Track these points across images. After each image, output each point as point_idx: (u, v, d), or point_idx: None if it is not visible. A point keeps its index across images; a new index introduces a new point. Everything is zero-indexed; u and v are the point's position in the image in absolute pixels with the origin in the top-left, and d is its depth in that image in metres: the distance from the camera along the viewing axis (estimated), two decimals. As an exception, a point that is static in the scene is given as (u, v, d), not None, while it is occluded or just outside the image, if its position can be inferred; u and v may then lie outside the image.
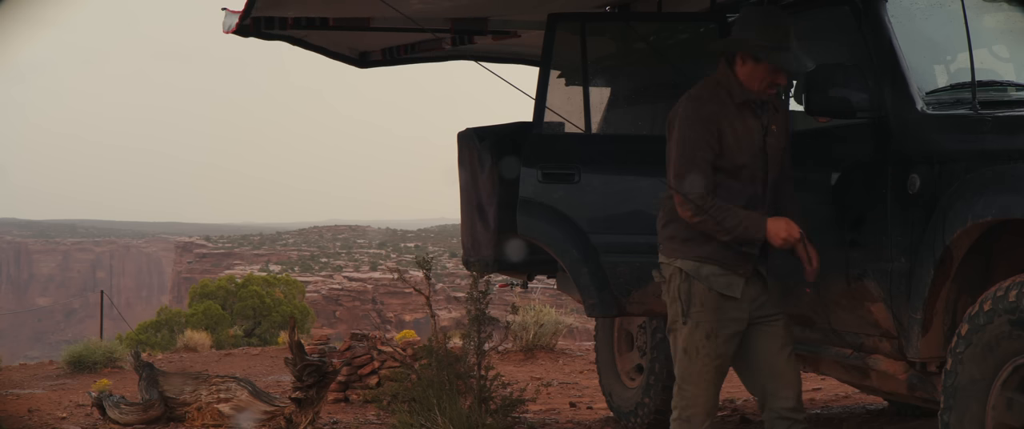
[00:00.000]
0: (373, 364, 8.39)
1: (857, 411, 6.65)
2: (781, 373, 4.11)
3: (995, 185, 3.59)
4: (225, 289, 26.11)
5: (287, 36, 6.96)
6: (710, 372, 4.10)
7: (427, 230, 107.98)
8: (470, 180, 6.11)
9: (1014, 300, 3.41)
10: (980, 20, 4.50)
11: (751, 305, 4.09)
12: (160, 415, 7.34)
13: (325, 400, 6.86)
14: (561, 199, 5.15)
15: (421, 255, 6.21)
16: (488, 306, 5.78)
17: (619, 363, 6.63)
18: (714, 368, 4.10)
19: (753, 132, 4.06)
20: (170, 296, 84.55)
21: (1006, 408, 3.45)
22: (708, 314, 4.07)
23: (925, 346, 3.93)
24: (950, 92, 4.18)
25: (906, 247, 3.95)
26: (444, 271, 72.08)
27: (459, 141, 6.30)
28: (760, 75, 4.02)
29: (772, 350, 4.11)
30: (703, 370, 4.09)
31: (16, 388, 10.71)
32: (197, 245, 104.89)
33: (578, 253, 5.13)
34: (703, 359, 4.08)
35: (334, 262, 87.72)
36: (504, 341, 10.35)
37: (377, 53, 7.72)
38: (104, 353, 12.21)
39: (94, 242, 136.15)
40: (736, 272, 4.05)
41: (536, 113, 5.33)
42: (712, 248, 4.03)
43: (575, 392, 8.61)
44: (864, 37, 4.35)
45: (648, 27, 5.75)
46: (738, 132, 4.03)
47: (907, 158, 4.02)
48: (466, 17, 6.66)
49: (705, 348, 4.07)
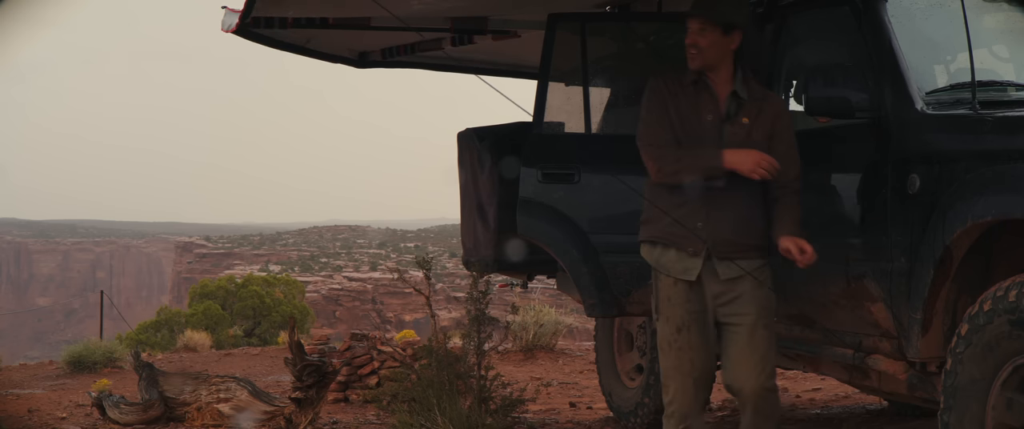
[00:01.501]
0: (373, 364, 8.39)
1: (857, 411, 6.65)
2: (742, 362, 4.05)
3: (995, 185, 3.59)
4: (225, 289, 26.11)
5: (285, 42, 6.98)
6: (685, 365, 4.10)
7: (427, 230, 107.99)
8: (470, 180, 6.11)
9: (1014, 300, 3.41)
10: (980, 20, 4.49)
11: (715, 301, 4.07)
12: (160, 415, 7.34)
13: (325, 400, 6.85)
14: (561, 199, 5.15)
15: (421, 255, 6.21)
16: (488, 306, 5.77)
17: (619, 363, 6.63)
18: (689, 361, 4.09)
19: (701, 114, 4.09)
20: (170, 296, 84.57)
21: (1006, 408, 3.45)
22: (676, 309, 4.10)
23: (925, 346, 3.92)
24: (950, 92, 4.17)
25: (906, 247, 3.95)
26: (444, 271, 72.10)
27: (459, 141, 6.30)
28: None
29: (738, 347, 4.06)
30: (679, 364, 4.11)
31: (16, 388, 10.71)
32: (197, 245, 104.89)
33: (578, 253, 5.13)
34: (676, 353, 4.10)
35: (334, 262, 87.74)
36: (504, 341, 10.35)
37: (377, 53, 7.72)
38: (104, 353, 12.22)
39: (94, 242, 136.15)
40: (687, 251, 4.05)
41: (536, 113, 5.33)
42: (663, 226, 4.08)
43: (575, 392, 8.60)
44: (864, 37, 4.34)
45: (648, 27, 5.75)
46: (682, 111, 4.09)
47: (907, 158, 4.02)
48: (466, 16, 6.66)
49: (676, 342, 4.10)
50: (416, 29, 6.71)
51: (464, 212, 6.27)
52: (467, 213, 6.21)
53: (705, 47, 4.06)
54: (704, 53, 4.07)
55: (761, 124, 4.06)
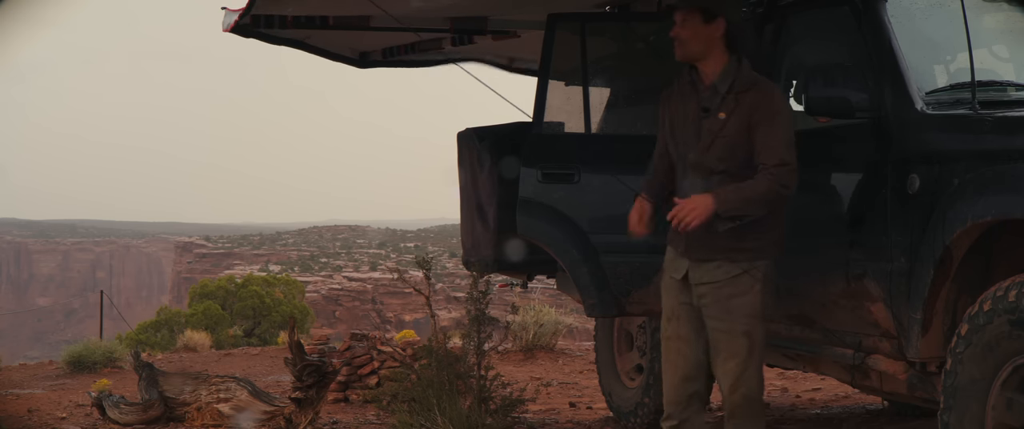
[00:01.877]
0: (373, 364, 8.39)
1: (857, 411, 6.65)
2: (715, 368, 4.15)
3: (995, 185, 3.59)
4: (225, 289, 26.12)
5: (286, 38, 6.97)
6: (671, 354, 4.19)
7: (427, 230, 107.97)
8: (470, 180, 6.10)
9: (1014, 300, 3.41)
10: (980, 20, 4.49)
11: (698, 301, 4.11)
12: (160, 415, 7.33)
13: (325, 400, 6.85)
14: (561, 199, 5.15)
15: (421, 255, 6.21)
16: (488, 306, 5.77)
17: (619, 363, 6.62)
18: (674, 350, 4.17)
19: (688, 111, 4.11)
20: (170, 296, 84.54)
21: (1006, 408, 3.45)
22: (668, 299, 4.22)
23: (925, 346, 3.92)
24: (950, 92, 4.17)
25: (906, 247, 3.95)
26: (444, 271, 72.07)
27: (459, 141, 6.30)
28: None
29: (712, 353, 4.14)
30: (666, 353, 4.23)
31: (16, 388, 10.71)
32: (197, 245, 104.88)
33: (578, 253, 5.13)
34: (666, 342, 4.21)
35: (334, 262, 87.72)
36: (504, 341, 10.34)
37: (377, 53, 7.72)
38: (104, 353, 12.22)
39: (94, 242, 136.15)
40: (677, 250, 4.16)
41: (536, 113, 5.33)
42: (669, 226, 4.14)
43: (575, 392, 8.60)
44: (864, 37, 4.34)
45: (648, 27, 5.75)
46: (674, 112, 4.17)
47: (907, 158, 4.02)
48: (466, 16, 6.66)
49: (666, 331, 4.21)
50: (416, 29, 6.71)
51: (464, 212, 6.27)
52: (467, 213, 6.21)
53: (687, 38, 4.05)
54: (686, 44, 4.05)
55: (738, 117, 3.99)
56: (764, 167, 3.93)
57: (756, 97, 4.01)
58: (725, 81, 4.04)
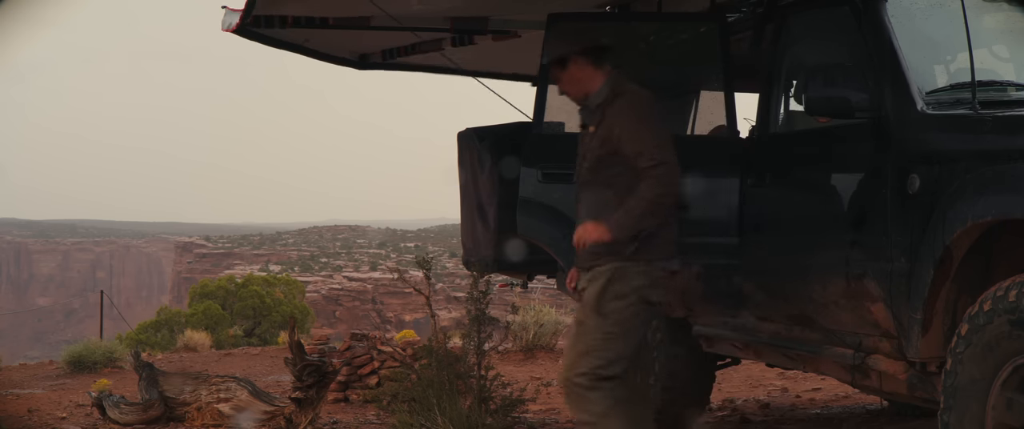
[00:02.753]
0: (373, 364, 8.39)
1: (857, 411, 6.65)
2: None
3: (995, 185, 3.59)
4: (225, 289, 26.14)
5: (286, 41, 6.97)
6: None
7: (427, 230, 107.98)
8: (470, 180, 6.10)
9: (1014, 300, 3.40)
10: (980, 20, 4.49)
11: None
12: (160, 415, 7.34)
13: (325, 400, 6.86)
14: (561, 199, 5.15)
15: (421, 255, 6.21)
16: (488, 306, 5.77)
17: (619, 363, 6.61)
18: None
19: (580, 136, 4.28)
20: (170, 296, 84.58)
21: (1006, 408, 3.45)
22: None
23: (925, 346, 3.92)
24: (950, 92, 4.17)
25: (906, 247, 3.95)
26: (444, 271, 72.08)
27: (459, 141, 6.29)
28: None
29: None
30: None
31: (16, 388, 10.72)
32: (197, 245, 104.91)
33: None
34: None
35: (334, 262, 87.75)
36: (504, 341, 10.34)
37: (377, 54, 7.72)
38: (104, 353, 12.23)
39: (94, 242, 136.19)
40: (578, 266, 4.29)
41: (536, 113, 5.33)
42: None
43: (575, 392, 8.58)
44: (864, 37, 4.34)
45: (648, 27, 5.75)
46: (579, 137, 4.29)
47: (907, 158, 4.02)
48: (466, 17, 6.66)
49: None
50: (416, 29, 6.71)
51: (464, 212, 6.27)
52: (467, 213, 6.21)
53: (565, 88, 4.27)
54: (568, 92, 4.26)
55: (604, 128, 4.12)
56: (643, 172, 4.00)
57: (618, 107, 4.12)
58: (598, 97, 4.18)
